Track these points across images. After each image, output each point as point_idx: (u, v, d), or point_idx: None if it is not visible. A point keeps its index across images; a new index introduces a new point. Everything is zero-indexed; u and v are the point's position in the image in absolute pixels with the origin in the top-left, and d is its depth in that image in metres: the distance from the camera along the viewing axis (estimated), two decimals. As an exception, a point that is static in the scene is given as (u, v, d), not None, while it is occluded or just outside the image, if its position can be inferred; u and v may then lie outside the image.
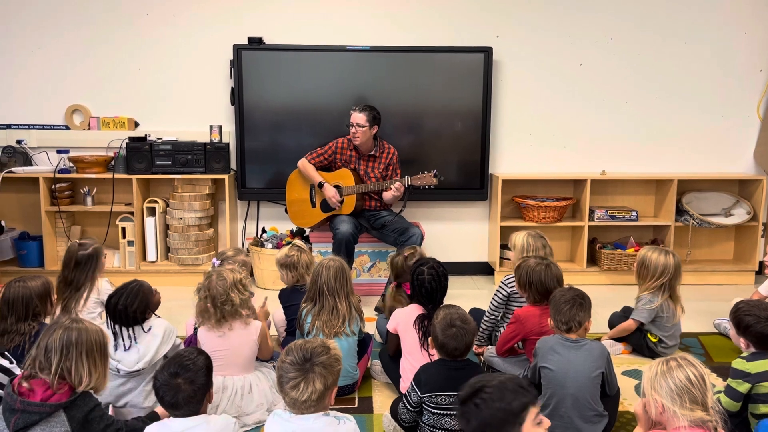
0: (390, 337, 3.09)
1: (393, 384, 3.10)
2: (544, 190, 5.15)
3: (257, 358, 2.98)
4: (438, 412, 2.42)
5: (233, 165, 4.98)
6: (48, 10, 4.83)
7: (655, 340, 3.49)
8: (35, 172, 4.74)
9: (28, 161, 4.85)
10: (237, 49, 4.78)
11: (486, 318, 3.46)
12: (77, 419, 2.12)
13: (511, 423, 1.72)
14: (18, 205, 4.94)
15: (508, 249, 4.95)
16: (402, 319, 2.97)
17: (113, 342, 2.64)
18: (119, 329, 2.71)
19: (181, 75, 4.94)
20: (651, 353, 3.46)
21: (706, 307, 4.31)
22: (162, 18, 4.87)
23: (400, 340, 2.97)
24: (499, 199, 4.92)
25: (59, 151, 4.92)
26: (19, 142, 4.87)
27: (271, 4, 4.89)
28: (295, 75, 4.83)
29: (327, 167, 4.54)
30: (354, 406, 2.97)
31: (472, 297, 4.53)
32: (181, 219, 4.76)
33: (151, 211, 4.81)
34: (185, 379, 2.09)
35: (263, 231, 5.01)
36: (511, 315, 3.19)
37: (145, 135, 4.89)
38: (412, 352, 2.87)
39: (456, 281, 4.24)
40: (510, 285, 3.34)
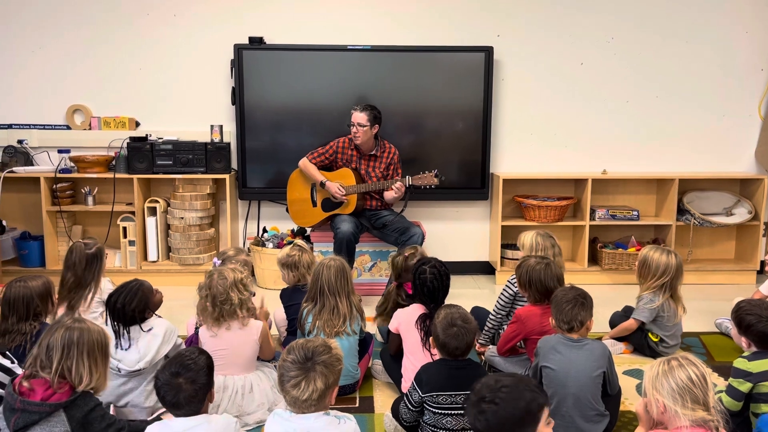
0: (392, 337, 3.09)
1: (394, 383, 3.10)
2: (545, 189, 5.15)
3: (259, 357, 2.98)
4: (439, 411, 2.42)
5: (234, 165, 4.98)
6: (49, 9, 4.83)
7: (657, 339, 3.49)
8: (36, 171, 4.75)
9: (29, 161, 4.85)
10: (238, 49, 4.78)
11: (492, 317, 3.45)
12: (77, 419, 2.12)
13: (528, 422, 1.74)
14: (19, 205, 4.94)
15: (509, 248, 4.99)
16: (404, 319, 2.97)
17: (114, 341, 2.64)
18: (119, 328, 2.72)
19: (182, 75, 4.94)
20: (652, 353, 3.46)
21: (707, 307, 4.31)
22: (163, 18, 4.88)
23: (401, 339, 2.98)
24: (500, 199, 4.91)
25: (60, 151, 4.92)
26: (21, 141, 4.87)
27: (272, 3, 4.89)
28: (296, 74, 4.83)
29: (328, 167, 4.54)
30: (355, 405, 2.97)
31: (473, 296, 4.53)
32: (182, 219, 4.77)
33: (152, 211, 4.81)
34: (186, 379, 2.09)
35: (264, 230, 5.01)
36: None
37: (146, 135, 4.89)
38: (413, 351, 2.87)
39: (457, 281, 4.23)
40: (516, 284, 3.34)
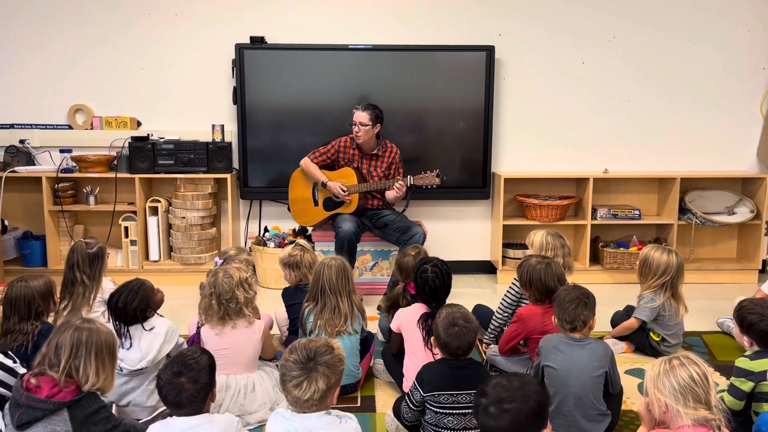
0: (394, 336, 3.09)
1: (395, 383, 3.10)
2: (546, 188, 5.14)
3: (260, 357, 2.98)
4: (441, 411, 2.42)
5: (235, 164, 4.99)
6: (50, 9, 4.84)
7: (658, 338, 3.48)
8: (38, 171, 4.75)
9: (31, 161, 4.86)
10: (239, 49, 4.78)
11: (498, 316, 3.44)
12: (79, 419, 2.13)
13: (542, 420, 1.77)
14: (21, 205, 4.95)
15: (510, 248, 4.99)
16: (405, 318, 2.97)
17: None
18: (121, 327, 2.72)
19: (184, 74, 4.94)
20: (654, 352, 3.46)
21: (709, 306, 4.30)
22: (164, 17, 4.88)
23: (403, 339, 2.97)
24: (502, 198, 4.91)
25: (62, 151, 4.93)
26: (22, 141, 4.87)
27: (273, 3, 4.89)
28: (298, 74, 4.83)
29: (330, 166, 4.54)
30: (356, 405, 2.97)
31: (474, 296, 4.53)
32: (184, 218, 4.77)
33: (154, 211, 4.82)
34: (188, 378, 2.10)
35: (265, 230, 5.02)
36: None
37: (148, 134, 4.90)
38: (415, 350, 2.87)
39: (458, 280, 4.23)
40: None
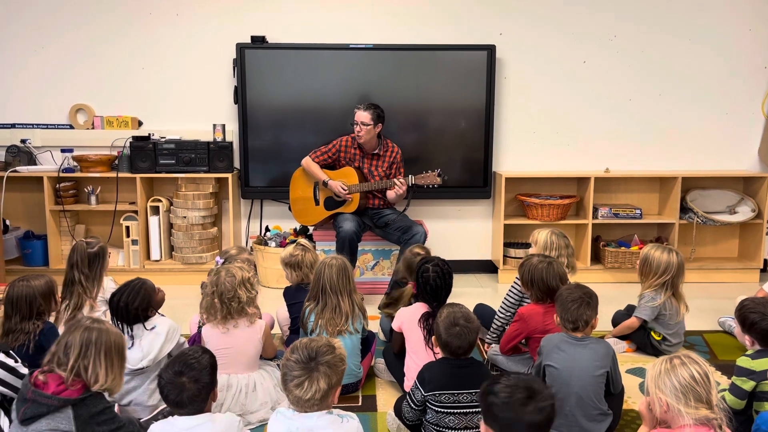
0: (395, 335, 3.09)
1: (397, 382, 3.10)
2: (547, 188, 5.14)
3: (261, 356, 2.98)
4: (442, 410, 2.42)
5: (236, 164, 4.99)
6: (51, 9, 4.84)
7: (659, 338, 3.48)
8: (39, 171, 4.75)
9: (32, 160, 4.86)
10: (240, 48, 4.78)
11: (500, 315, 3.43)
12: (83, 418, 2.13)
13: (552, 420, 1.78)
14: (22, 205, 4.96)
15: (511, 247, 4.99)
16: (407, 318, 2.97)
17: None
18: (122, 326, 2.73)
19: (185, 74, 4.94)
20: (655, 351, 3.45)
21: (710, 305, 4.30)
22: (165, 17, 4.88)
23: (404, 338, 2.97)
24: (503, 198, 4.91)
25: (63, 151, 4.93)
26: (24, 141, 4.88)
27: (274, 2, 4.88)
28: (299, 73, 4.83)
29: (331, 166, 4.54)
30: (358, 404, 2.97)
31: (475, 295, 4.53)
32: (185, 218, 4.77)
33: (155, 210, 4.82)
34: (190, 378, 2.10)
35: (267, 229, 5.02)
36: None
37: (149, 134, 4.90)
38: (416, 350, 2.87)
39: (459, 279, 4.22)
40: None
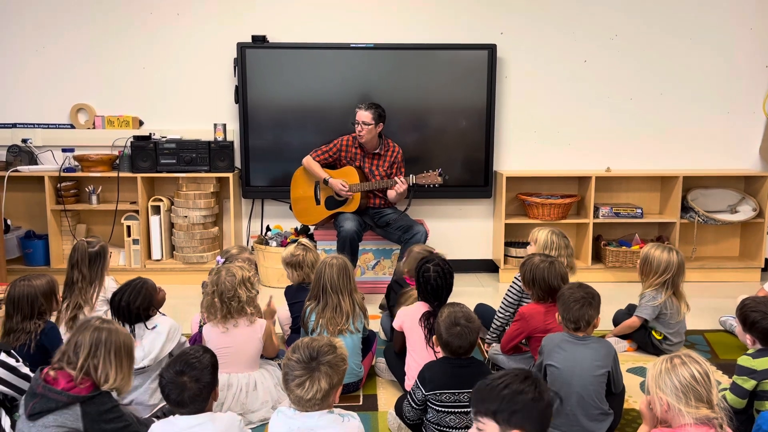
0: (396, 335, 3.09)
1: (398, 381, 3.10)
2: (548, 187, 5.14)
3: (262, 356, 2.98)
4: (442, 409, 2.42)
5: (237, 163, 4.99)
6: (52, 9, 4.84)
7: (660, 337, 3.48)
8: (40, 170, 4.76)
9: (33, 160, 4.86)
10: (241, 48, 4.78)
11: (500, 315, 3.44)
12: (91, 416, 2.15)
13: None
14: (24, 204, 4.96)
15: (512, 246, 4.98)
16: (408, 317, 2.97)
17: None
18: (123, 326, 2.73)
19: (186, 73, 4.94)
20: (656, 350, 3.45)
21: (711, 304, 4.30)
22: (166, 17, 4.88)
23: (405, 337, 2.97)
24: (504, 197, 4.91)
25: (64, 150, 4.93)
26: (25, 141, 4.88)
27: (275, 2, 4.88)
28: (299, 73, 4.83)
29: (332, 165, 4.54)
30: (359, 403, 2.98)
31: (476, 294, 4.53)
32: (186, 217, 4.77)
33: (156, 210, 4.82)
34: (191, 378, 2.10)
35: (267, 229, 5.02)
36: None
37: (150, 133, 4.90)
38: (417, 349, 2.87)
39: (460, 279, 4.22)
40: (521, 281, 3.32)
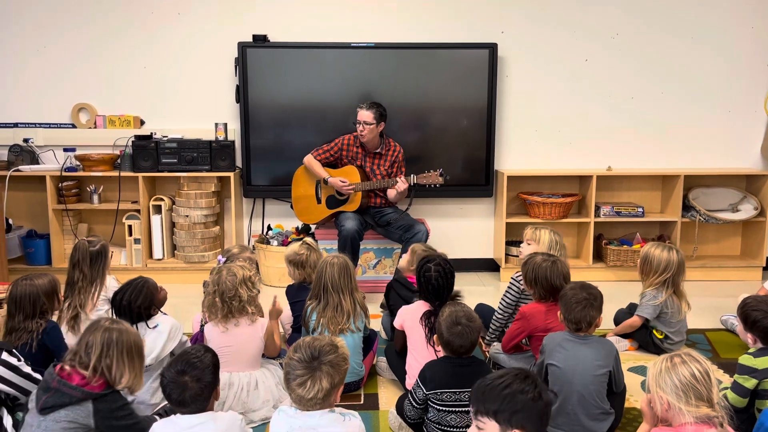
0: (397, 334, 3.09)
1: (399, 381, 3.11)
2: (549, 186, 5.14)
3: (264, 355, 2.99)
4: (443, 408, 2.42)
5: (238, 162, 4.99)
6: (53, 9, 4.84)
7: (661, 336, 3.48)
8: (42, 170, 4.76)
9: (34, 160, 4.87)
10: (242, 47, 4.78)
11: (498, 315, 3.43)
12: (102, 413, 2.18)
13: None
14: (25, 204, 4.97)
15: (513, 245, 4.97)
16: (408, 316, 2.97)
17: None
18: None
19: (187, 73, 4.95)
20: (657, 349, 3.45)
21: (712, 303, 4.30)
22: (167, 16, 4.88)
23: (406, 336, 2.98)
24: (505, 196, 4.91)
25: (66, 150, 4.94)
26: (26, 140, 4.89)
27: (276, 1, 4.88)
28: (300, 72, 4.83)
29: (333, 164, 4.55)
30: (360, 402, 2.98)
31: (477, 294, 4.53)
32: (187, 216, 4.78)
33: (157, 209, 4.83)
34: (192, 377, 2.10)
35: (269, 228, 5.02)
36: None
37: (151, 133, 4.91)
38: (418, 348, 2.87)
39: (461, 278, 4.23)
40: (521, 281, 3.32)
